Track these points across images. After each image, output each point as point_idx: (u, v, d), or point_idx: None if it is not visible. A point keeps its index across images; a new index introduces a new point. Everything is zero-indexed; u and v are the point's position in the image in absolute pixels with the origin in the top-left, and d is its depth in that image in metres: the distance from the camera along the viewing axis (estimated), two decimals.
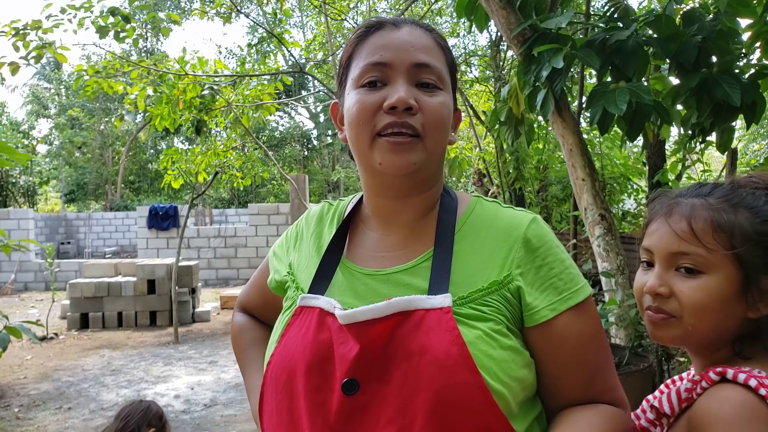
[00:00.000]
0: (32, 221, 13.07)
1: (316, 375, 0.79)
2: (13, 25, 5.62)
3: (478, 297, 0.81)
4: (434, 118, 0.84)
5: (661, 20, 2.84)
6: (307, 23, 19.95)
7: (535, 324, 0.82)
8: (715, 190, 0.85)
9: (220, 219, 18.20)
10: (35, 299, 10.86)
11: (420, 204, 0.90)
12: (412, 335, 0.77)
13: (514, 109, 3.72)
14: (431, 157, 0.85)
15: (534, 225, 0.87)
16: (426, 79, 0.85)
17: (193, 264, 8.50)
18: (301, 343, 0.82)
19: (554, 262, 0.85)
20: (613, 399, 0.85)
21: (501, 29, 3.34)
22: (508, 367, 0.77)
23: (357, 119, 0.84)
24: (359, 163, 0.89)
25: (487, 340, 0.77)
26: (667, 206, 0.87)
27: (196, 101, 6.83)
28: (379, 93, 0.84)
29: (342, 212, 0.99)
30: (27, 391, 5.21)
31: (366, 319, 0.77)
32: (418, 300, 0.79)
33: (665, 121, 3.03)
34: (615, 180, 6.99)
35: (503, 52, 8.15)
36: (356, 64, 0.88)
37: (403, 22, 0.89)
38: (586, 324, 0.84)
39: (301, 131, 25.50)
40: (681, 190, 0.90)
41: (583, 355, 0.83)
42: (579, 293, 0.84)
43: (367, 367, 0.77)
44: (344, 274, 0.89)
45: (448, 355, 0.75)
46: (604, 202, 3.28)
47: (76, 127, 24.28)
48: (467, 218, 0.90)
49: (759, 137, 12.95)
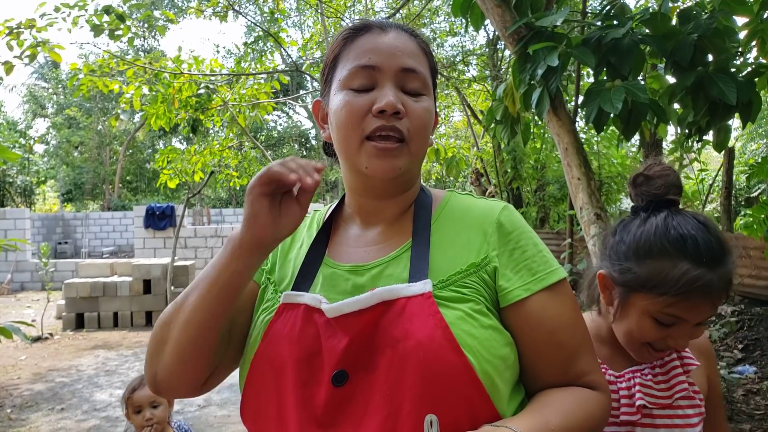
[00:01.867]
0: (29, 221, 13.03)
1: (304, 369, 0.80)
2: (7, 24, 5.59)
3: (458, 279, 0.83)
4: (419, 123, 0.86)
5: (657, 18, 2.83)
6: (304, 22, 19.93)
7: (510, 303, 0.83)
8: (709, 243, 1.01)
9: (218, 219, 18.16)
10: (31, 299, 10.83)
11: (400, 202, 0.94)
12: (396, 323, 0.78)
13: (510, 108, 3.70)
14: (415, 161, 0.89)
15: (506, 211, 0.90)
16: (412, 85, 0.87)
17: (189, 264, 8.47)
18: (287, 339, 0.83)
19: (527, 245, 0.87)
20: (589, 382, 0.86)
21: (496, 27, 3.32)
22: (490, 346, 0.79)
23: (346, 122, 0.86)
24: (345, 164, 0.92)
25: (468, 320, 0.79)
26: (694, 280, 0.95)
27: (192, 100, 6.80)
28: (367, 96, 0.85)
29: (321, 218, 1.01)
30: (20, 391, 5.18)
31: (352, 311, 0.78)
32: (399, 289, 0.80)
33: (661, 120, 3.02)
34: (612, 179, 6.99)
35: (500, 51, 8.14)
36: (343, 65, 0.89)
37: (390, 26, 0.91)
38: (563, 306, 0.85)
39: (298, 131, 25.47)
40: (669, 236, 0.99)
41: (559, 337, 0.84)
42: (553, 274, 0.86)
43: (355, 357, 0.78)
44: (327, 272, 0.91)
45: (432, 338, 0.76)
46: (600, 202, 3.26)
47: (74, 127, 24.23)
48: (442, 210, 0.93)
49: (757, 137, 12.96)
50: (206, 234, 12.58)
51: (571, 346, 0.85)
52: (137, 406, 2.28)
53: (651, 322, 0.99)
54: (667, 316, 0.97)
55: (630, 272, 1.00)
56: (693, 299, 0.95)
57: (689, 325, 0.98)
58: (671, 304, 0.96)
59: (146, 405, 2.28)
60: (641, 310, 1.00)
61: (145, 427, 2.27)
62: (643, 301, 0.99)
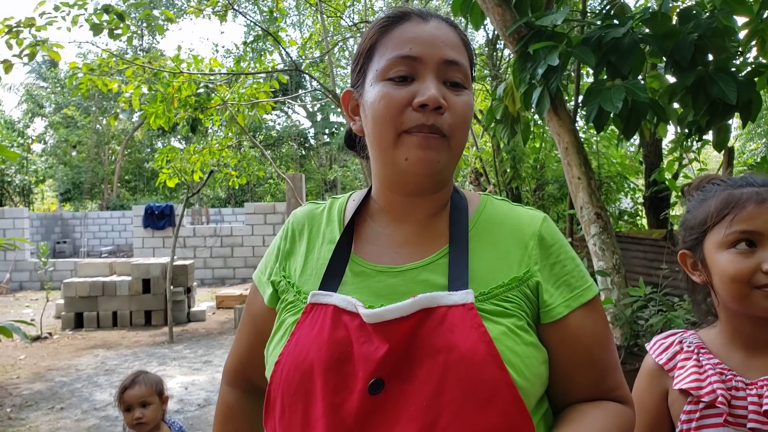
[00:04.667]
0: (27, 220, 13.02)
1: (334, 375, 0.77)
2: (7, 22, 5.58)
3: (500, 293, 0.80)
4: (461, 118, 0.83)
5: (657, 18, 2.83)
6: (303, 22, 19.91)
7: (551, 320, 0.82)
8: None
9: (217, 218, 18.14)
10: (30, 299, 10.81)
11: (434, 202, 0.89)
12: (436, 332, 0.75)
13: (510, 108, 3.70)
14: (454, 157, 0.85)
15: (546, 223, 0.88)
16: (454, 77, 0.83)
17: (189, 263, 8.46)
18: (316, 341, 0.79)
19: (567, 259, 0.86)
20: (619, 396, 0.86)
21: (497, 27, 3.32)
22: (531, 364, 0.77)
23: (383, 114, 0.82)
24: (378, 157, 0.87)
25: (511, 336, 0.77)
26: (750, 194, 1.00)
27: (191, 99, 6.80)
28: (407, 88, 0.81)
29: (341, 210, 0.96)
30: (20, 391, 5.17)
31: (393, 318, 0.76)
32: (440, 297, 0.77)
33: (661, 119, 3.02)
34: (612, 179, 6.98)
35: (500, 51, 8.14)
36: (381, 55, 0.85)
37: (430, 16, 0.87)
38: (598, 322, 0.85)
39: (297, 130, 25.45)
40: (733, 182, 1.05)
41: (594, 353, 0.84)
42: (589, 291, 0.85)
43: (392, 365, 0.75)
44: (355, 271, 0.87)
45: (476, 351, 0.74)
46: (600, 201, 3.26)
47: (72, 126, 24.19)
48: (479, 216, 0.89)
49: (756, 136, 12.97)
50: (205, 233, 12.57)
51: (605, 362, 0.85)
52: (127, 405, 2.29)
53: (730, 253, 1.00)
54: (737, 235, 0.99)
55: (693, 227, 1.06)
56: (747, 208, 0.99)
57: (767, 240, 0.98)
58: (731, 223, 0.99)
59: (136, 404, 2.29)
60: (716, 248, 1.02)
61: (134, 426, 2.28)
62: (712, 239, 1.03)
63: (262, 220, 12.35)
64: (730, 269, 0.99)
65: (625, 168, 7.11)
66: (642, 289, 2.94)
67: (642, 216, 7.12)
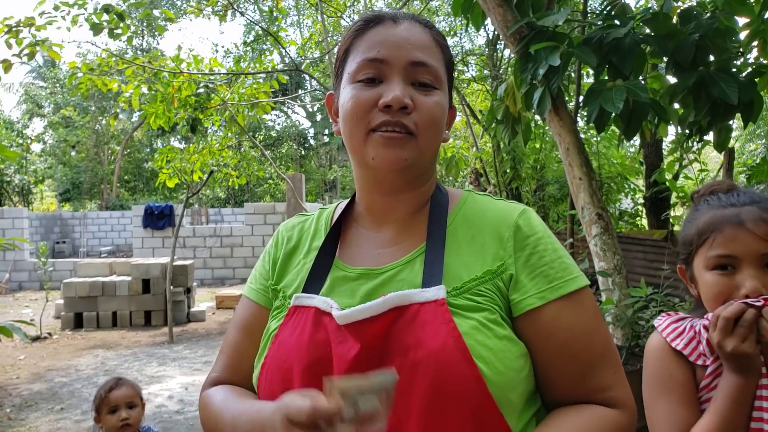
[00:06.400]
0: (27, 220, 13.00)
1: (312, 375, 0.78)
2: (6, 22, 5.57)
3: (473, 286, 0.80)
4: (428, 117, 0.84)
5: (659, 18, 2.83)
6: (303, 22, 19.91)
7: (522, 312, 0.80)
8: (755, 197, 1.05)
9: (216, 218, 18.13)
10: (29, 299, 10.80)
11: (412, 200, 0.91)
12: (408, 330, 0.76)
13: (511, 108, 3.70)
14: (423, 155, 0.86)
15: (526, 214, 0.87)
16: (422, 79, 0.85)
17: (188, 263, 8.46)
18: (297, 343, 0.81)
19: (545, 250, 0.84)
20: (607, 399, 0.81)
21: (498, 27, 3.32)
22: (504, 357, 0.76)
23: (351, 115, 0.84)
24: (353, 158, 0.90)
25: (482, 330, 0.77)
26: (729, 216, 1.03)
27: (191, 99, 6.79)
28: (374, 90, 0.83)
29: (329, 217, 0.98)
30: (19, 391, 5.16)
31: (364, 318, 0.77)
32: (412, 294, 0.78)
33: (662, 119, 3.02)
34: (612, 179, 6.99)
35: (500, 51, 8.14)
36: (353, 58, 0.87)
37: (402, 18, 0.89)
38: (580, 316, 0.82)
39: (297, 130, 25.44)
40: (720, 201, 1.08)
41: (572, 349, 0.80)
42: (571, 283, 0.82)
43: (365, 365, 0.76)
44: (338, 274, 0.89)
45: (444, 347, 0.74)
46: (601, 201, 3.26)
47: (71, 126, 24.16)
48: (459, 211, 0.90)
49: (755, 137, 12.98)
50: (205, 233, 12.56)
51: (586, 358, 0.81)
52: (114, 406, 2.25)
53: (713, 274, 1.04)
54: (716, 259, 1.03)
55: (684, 244, 1.12)
56: (725, 231, 1.02)
57: (744, 262, 1.01)
58: (711, 246, 1.03)
59: (123, 405, 2.26)
60: (701, 267, 1.06)
61: (119, 428, 2.23)
62: (698, 258, 1.07)
63: (261, 220, 12.34)
64: (712, 290, 1.04)
65: (625, 168, 7.12)
66: (643, 290, 2.94)
67: (642, 216, 7.12)
